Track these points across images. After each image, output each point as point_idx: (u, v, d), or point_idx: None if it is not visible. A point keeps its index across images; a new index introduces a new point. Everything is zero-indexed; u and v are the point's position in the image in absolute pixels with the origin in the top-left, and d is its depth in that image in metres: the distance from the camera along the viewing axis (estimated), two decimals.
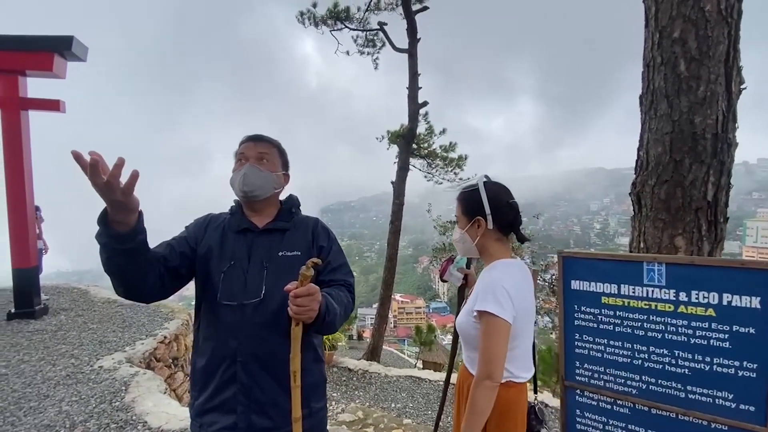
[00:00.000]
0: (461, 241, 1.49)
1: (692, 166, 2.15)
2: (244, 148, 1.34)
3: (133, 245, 1.03)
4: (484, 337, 1.30)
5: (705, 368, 1.81)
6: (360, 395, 4.92)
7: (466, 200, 1.48)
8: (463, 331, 1.45)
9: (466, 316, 1.42)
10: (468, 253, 1.52)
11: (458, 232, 1.50)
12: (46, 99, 5.29)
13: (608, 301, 2.12)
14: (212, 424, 1.20)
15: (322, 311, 1.11)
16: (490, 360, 1.29)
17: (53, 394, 3.16)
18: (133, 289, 1.13)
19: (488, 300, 1.31)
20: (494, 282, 1.37)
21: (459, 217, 1.49)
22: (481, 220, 1.43)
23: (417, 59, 10.71)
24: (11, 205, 5.15)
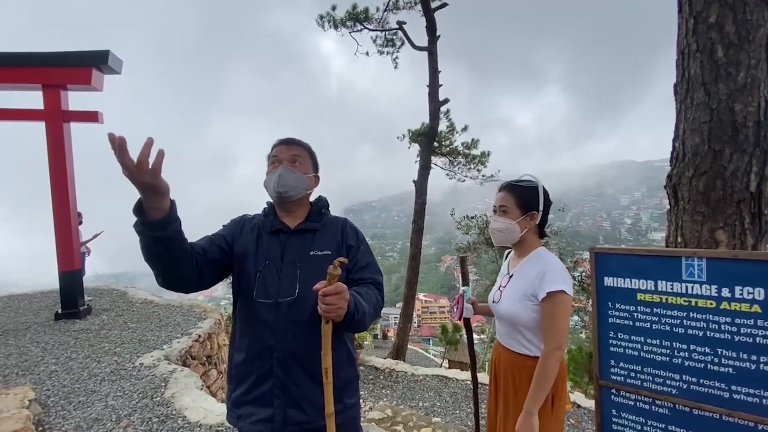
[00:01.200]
0: (506, 231, 1.60)
1: (733, 156, 2.05)
2: (278, 151, 1.39)
3: (167, 233, 1.08)
4: (556, 313, 1.46)
5: (751, 367, 1.73)
6: (387, 394, 4.95)
7: (523, 194, 1.61)
8: (514, 315, 1.56)
9: (519, 302, 1.54)
10: (503, 242, 1.63)
11: (505, 222, 1.59)
12: (86, 111, 5.59)
13: (644, 298, 2.05)
14: (250, 416, 1.26)
15: (351, 309, 1.13)
16: (561, 333, 1.47)
17: (99, 389, 3.34)
18: (169, 277, 1.18)
19: (559, 280, 1.48)
20: (558, 264, 1.55)
21: (510, 208, 1.59)
22: (535, 214, 1.60)
23: (437, 56, 10.65)
24: (56, 212, 5.47)
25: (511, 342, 1.62)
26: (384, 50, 11.89)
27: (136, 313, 5.70)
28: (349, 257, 1.36)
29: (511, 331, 1.62)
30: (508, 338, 1.64)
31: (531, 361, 1.56)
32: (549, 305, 1.48)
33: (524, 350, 1.58)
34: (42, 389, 3.33)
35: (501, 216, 1.62)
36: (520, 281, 1.60)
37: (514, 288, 1.62)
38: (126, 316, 5.53)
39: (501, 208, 1.63)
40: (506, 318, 1.61)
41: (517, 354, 1.60)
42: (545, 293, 1.47)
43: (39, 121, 5.40)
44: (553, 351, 1.46)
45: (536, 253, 1.63)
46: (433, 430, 3.06)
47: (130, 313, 5.70)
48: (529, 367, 1.55)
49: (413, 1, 10.84)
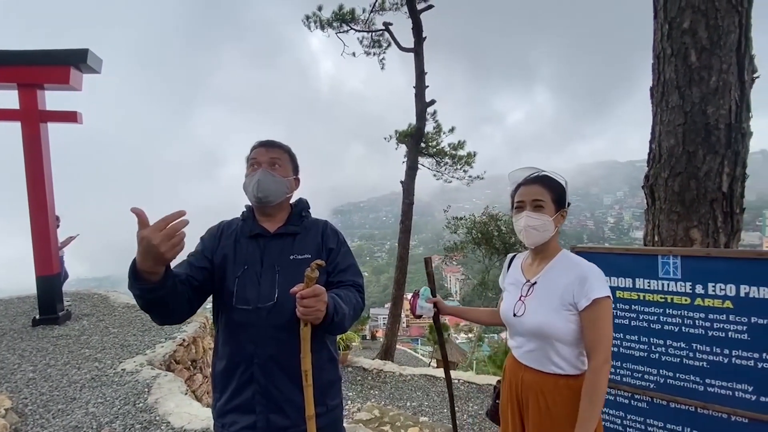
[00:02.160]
0: (542, 228, 1.40)
1: (706, 157, 2.13)
2: (256, 153, 1.36)
3: (164, 292, 1.08)
4: (603, 322, 1.30)
5: (724, 361, 1.80)
6: (375, 394, 4.95)
7: (558, 189, 1.44)
8: (549, 329, 1.36)
9: (555, 312, 1.35)
10: (539, 241, 1.43)
11: (540, 218, 1.40)
12: (64, 111, 5.44)
13: (623, 295, 2.11)
14: (233, 424, 1.25)
15: (329, 312, 1.13)
16: (609, 343, 1.30)
17: (79, 396, 3.26)
18: (168, 319, 1.20)
19: (603, 285, 1.32)
20: (596, 268, 1.38)
21: (547, 203, 1.40)
22: (565, 212, 1.46)
23: (423, 58, 10.72)
24: (33, 215, 5.31)
25: (540, 361, 1.40)
26: (370, 51, 11.92)
27: (118, 317, 5.58)
28: (329, 260, 1.36)
29: (542, 347, 1.39)
30: (536, 357, 1.42)
31: (563, 380, 1.37)
32: (594, 313, 1.29)
33: (557, 369, 1.37)
34: (19, 397, 3.23)
35: (536, 212, 1.40)
36: (550, 289, 1.40)
37: (543, 297, 1.40)
38: (107, 321, 5.40)
39: (535, 202, 1.41)
40: (536, 332, 1.39)
41: (549, 375, 1.39)
42: (590, 300, 1.29)
43: (14, 121, 5.24)
44: (603, 364, 1.27)
45: (564, 255, 1.46)
46: (420, 430, 3.08)
47: (112, 317, 5.57)
48: (561, 387, 1.37)
49: (399, 3, 10.88)
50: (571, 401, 1.35)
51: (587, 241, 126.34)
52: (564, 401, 1.37)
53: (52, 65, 5.20)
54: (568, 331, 1.34)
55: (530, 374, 1.44)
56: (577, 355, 1.39)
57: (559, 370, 1.38)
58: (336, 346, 1.47)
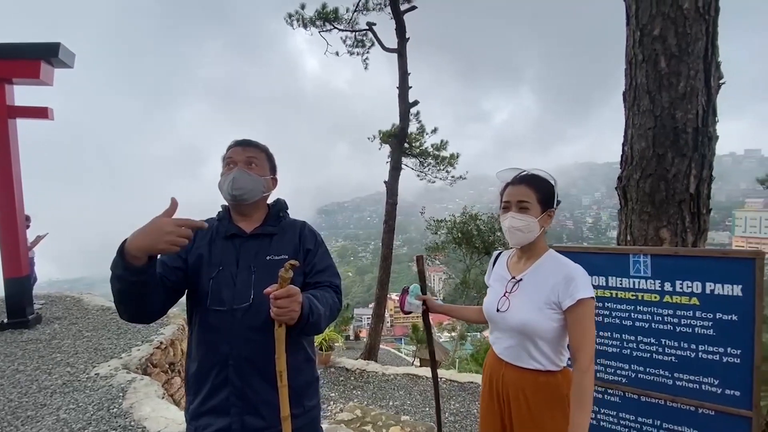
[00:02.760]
0: (526, 229, 1.40)
1: (674, 159, 2.21)
2: (233, 152, 1.34)
3: (147, 277, 1.07)
4: (587, 322, 1.31)
5: (691, 355, 1.87)
6: (358, 394, 4.95)
7: (545, 189, 1.44)
8: (532, 326, 1.38)
9: (539, 311, 1.37)
10: (523, 242, 1.44)
11: (527, 219, 1.40)
12: (34, 107, 5.24)
13: (597, 294, 2.17)
14: (207, 427, 1.22)
15: (304, 312, 1.13)
16: (593, 343, 1.31)
17: (50, 402, 3.15)
18: (140, 315, 1.18)
19: (588, 286, 1.33)
20: (581, 269, 1.39)
21: (532, 204, 1.40)
22: (552, 213, 1.46)
23: (407, 58, 10.76)
24: (1, 215, 5.10)
25: (521, 356, 1.43)
26: (354, 51, 11.89)
27: (92, 320, 5.40)
28: (307, 261, 1.35)
29: (523, 344, 1.42)
30: (517, 353, 1.44)
31: (543, 376, 1.40)
32: (579, 313, 1.31)
33: (536, 365, 1.40)
34: None
35: (521, 212, 1.41)
36: (536, 287, 1.41)
37: (528, 295, 1.42)
38: (81, 324, 5.23)
39: (520, 203, 1.41)
40: (519, 329, 1.41)
41: (528, 370, 1.41)
42: (575, 300, 1.30)
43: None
44: (589, 365, 1.28)
45: (551, 255, 1.47)
46: (401, 429, 3.10)
47: (86, 320, 5.39)
48: (542, 384, 1.40)
49: (383, 3, 10.90)
50: (549, 398, 1.40)
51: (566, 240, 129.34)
52: (543, 397, 1.40)
53: (22, 59, 5.00)
54: (550, 329, 1.37)
55: (511, 370, 1.46)
56: (556, 352, 1.42)
57: (538, 366, 1.41)
58: (313, 346, 1.46)
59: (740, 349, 1.77)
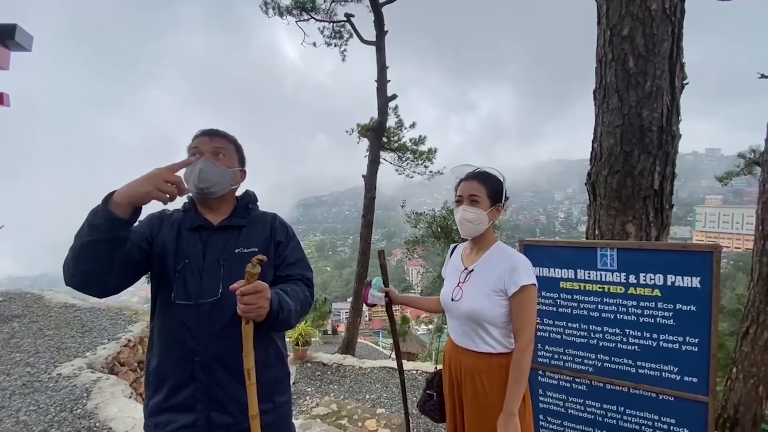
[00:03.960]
0: (476, 221, 1.52)
1: (640, 156, 2.29)
2: (198, 142, 1.28)
3: (124, 233, 1.05)
4: (528, 307, 1.43)
5: (652, 344, 1.96)
6: (335, 389, 4.94)
7: (494, 185, 1.55)
8: (481, 312, 1.48)
9: (487, 298, 1.48)
10: (473, 233, 1.55)
11: (477, 212, 1.51)
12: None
13: (566, 286, 2.24)
14: (169, 423, 1.19)
15: (273, 308, 1.10)
16: (533, 326, 1.45)
17: (9, 404, 2.98)
18: (92, 281, 1.09)
19: (530, 274, 1.45)
20: (524, 258, 1.50)
21: (482, 198, 1.51)
22: (500, 207, 1.56)
23: (385, 51, 10.69)
24: None
25: (475, 341, 1.52)
26: (332, 42, 11.70)
27: (54, 318, 5.15)
28: (277, 253, 1.32)
29: (475, 330, 1.51)
30: (470, 338, 1.54)
31: (496, 358, 1.49)
32: (521, 299, 1.43)
33: (488, 348, 1.50)
34: None
35: (472, 206, 1.52)
36: (484, 276, 1.52)
37: (477, 283, 1.53)
38: (41, 323, 4.98)
39: (471, 197, 1.52)
40: (470, 315, 1.51)
41: (481, 354, 1.51)
42: (518, 287, 1.42)
43: None
44: (528, 345, 1.41)
45: (498, 246, 1.58)
46: (377, 422, 3.12)
47: (47, 318, 5.14)
48: (494, 366, 1.49)
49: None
50: (503, 378, 1.47)
51: (540, 234, 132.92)
52: (498, 378, 1.49)
53: None
54: (498, 314, 1.49)
55: (466, 356, 1.56)
56: (505, 336, 1.52)
57: (491, 349, 1.51)
58: (285, 341, 1.43)
59: (698, 338, 1.87)
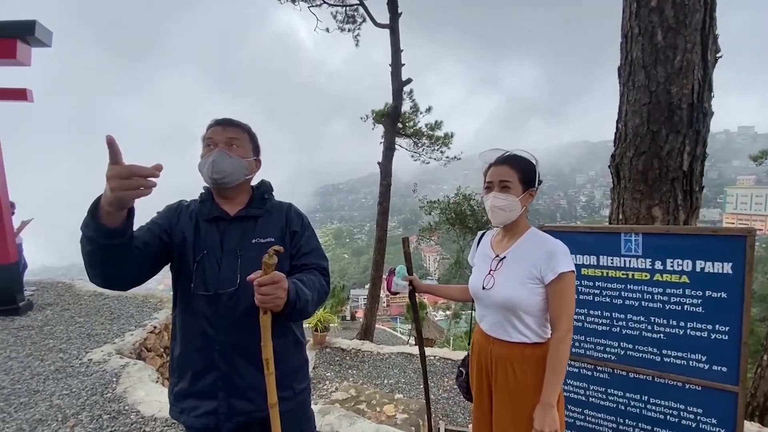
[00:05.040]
0: (508, 208, 1.44)
1: (669, 136, 2.17)
2: (212, 132, 1.27)
3: (121, 241, 1.01)
4: (567, 295, 1.38)
5: (679, 332, 1.88)
6: (353, 374, 5.01)
7: (527, 169, 1.46)
8: (516, 301, 1.42)
9: (522, 286, 1.41)
10: (505, 220, 1.48)
11: (507, 198, 1.43)
12: (12, 88, 5.04)
13: (588, 272, 2.17)
14: (194, 409, 1.21)
15: (291, 298, 1.09)
16: (572, 313, 1.40)
17: (43, 389, 3.14)
18: (111, 280, 1.11)
19: (568, 260, 1.39)
20: (562, 244, 1.43)
21: (513, 183, 1.43)
22: (534, 192, 1.48)
23: (399, 34, 10.48)
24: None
25: (508, 331, 1.47)
26: (344, 27, 11.53)
27: (84, 306, 5.37)
28: (293, 243, 1.32)
29: (509, 319, 1.46)
30: (503, 328, 1.48)
31: (530, 348, 1.44)
32: (560, 286, 1.37)
33: (522, 338, 1.44)
34: None
35: (503, 192, 1.43)
36: (519, 263, 1.45)
37: (512, 271, 1.46)
38: (73, 310, 5.20)
39: (502, 183, 1.44)
40: (504, 304, 1.45)
41: (515, 344, 1.45)
42: (556, 274, 1.36)
43: None
44: (566, 334, 1.36)
45: (533, 232, 1.51)
46: (395, 406, 3.14)
47: (78, 306, 5.36)
48: (529, 356, 1.44)
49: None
50: (537, 368, 1.43)
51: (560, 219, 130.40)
52: (531, 369, 1.44)
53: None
54: (533, 302, 1.42)
55: (498, 345, 1.50)
56: (541, 325, 1.46)
57: (525, 339, 1.46)
58: (303, 329, 1.44)
59: (729, 326, 1.78)
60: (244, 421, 1.21)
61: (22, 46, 4.91)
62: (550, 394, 1.35)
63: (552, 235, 2.21)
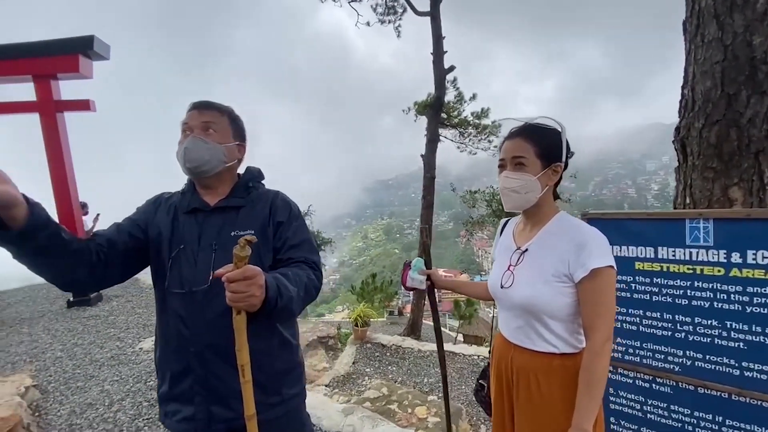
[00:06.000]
0: (523, 189, 1.18)
1: (750, 99, 1.76)
2: (189, 116, 1.18)
3: (36, 243, 0.89)
4: (603, 296, 1.10)
5: (765, 341, 1.52)
6: (393, 370, 4.91)
7: (547, 140, 1.19)
8: (538, 302, 1.18)
9: (545, 285, 1.16)
10: (521, 205, 1.22)
11: (520, 177, 1.17)
12: (78, 100, 5.52)
13: (643, 267, 1.84)
14: (175, 413, 1.15)
15: (271, 295, 0.95)
16: (611, 319, 1.11)
17: (98, 374, 3.39)
18: (60, 281, 1.03)
19: (604, 253, 1.11)
20: (598, 233, 1.16)
21: (529, 159, 1.17)
22: (559, 167, 1.20)
23: (440, 21, 10.10)
24: (58, 203, 5.51)
25: (531, 338, 1.22)
26: (385, 19, 11.36)
27: (144, 298, 5.80)
28: (277, 235, 1.19)
29: (531, 323, 1.22)
30: (524, 334, 1.24)
31: (559, 359, 1.19)
32: (592, 286, 1.10)
33: (549, 347, 1.19)
34: (45, 375, 3.41)
35: (516, 170, 1.18)
36: (543, 257, 1.20)
37: (533, 266, 1.22)
38: (135, 302, 5.64)
39: (515, 159, 1.18)
40: (525, 306, 1.21)
41: (540, 353, 1.21)
42: (587, 271, 1.10)
43: (33, 113, 5.38)
44: (603, 345, 1.09)
45: (561, 218, 1.23)
46: (428, 408, 2.97)
47: (139, 298, 5.81)
48: (556, 368, 1.19)
49: None
50: (566, 383, 1.16)
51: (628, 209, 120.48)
52: (559, 383, 1.18)
53: (62, 54, 5.24)
54: (560, 305, 1.16)
55: (521, 354, 1.25)
56: (572, 332, 1.19)
57: (552, 348, 1.20)
58: (294, 329, 1.30)
59: None
60: (225, 429, 1.12)
61: (83, 60, 5.36)
62: (584, 419, 1.08)
63: (600, 224, 1.90)
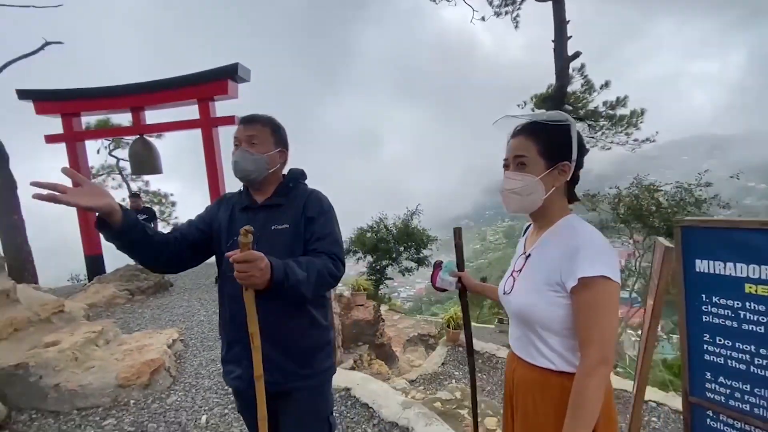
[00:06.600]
0: (524, 191, 1.10)
1: None
2: (237, 131, 1.43)
3: (129, 238, 1.23)
4: (598, 309, 0.99)
5: None
6: (482, 377, 4.73)
7: (550, 137, 1.09)
8: (531, 312, 1.10)
9: (538, 294, 1.08)
10: (523, 208, 1.15)
11: (521, 178, 1.10)
12: (227, 116, 6.84)
13: (756, 290, 1.47)
14: (230, 373, 1.44)
15: (278, 277, 1.15)
16: (606, 338, 0.98)
17: None
18: (148, 265, 1.40)
19: (598, 261, 0.99)
20: (596, 237, 1.05)
21: (531, 158, 1.09)
22: (567, 166, 1.10)
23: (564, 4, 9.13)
24: None
25: (528, 350, 1.15)
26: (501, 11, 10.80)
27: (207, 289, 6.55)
28: (307, 228, 1.39)
29: (527, 335, 1.14)
30: (523, 345, 1.17)
31: (557, 378, 1.08)
32: (585, 297, 1.00)
33: (546, 363, 1.10)
34: (189, 333, 4.36)
35: (517, 171, 1.11)
36: (540, 264, 1.12)
37: (531, 273, 1.14)
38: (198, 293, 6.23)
39: (517, 159, 1.11)
40: (520, 315, 1.15)
41: (537, 368, 1.12)
42: (576, 279, 1.00)
43: (196, 128, 6.88)
44: (595, 366, 0.97)
45: (566, 222, 1.13)
46: (498, 421, 2.81)
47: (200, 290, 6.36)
48: (554, 386, 1.09)
49: None
50: (563, 404, 1.04)
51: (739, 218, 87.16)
52: (555, 403, 1.08)
53: (215, 81, 6.56)
54: (554, 317, 1.06)
55: (522, 367, 1.18)
56: (570, 349, 1.07)
57: (549, 364, 1.09)
58: (326, 309, 1.48)
59: None
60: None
61: (231, 84, 6.61)
62: None
63: (696, 234, 1.59)
